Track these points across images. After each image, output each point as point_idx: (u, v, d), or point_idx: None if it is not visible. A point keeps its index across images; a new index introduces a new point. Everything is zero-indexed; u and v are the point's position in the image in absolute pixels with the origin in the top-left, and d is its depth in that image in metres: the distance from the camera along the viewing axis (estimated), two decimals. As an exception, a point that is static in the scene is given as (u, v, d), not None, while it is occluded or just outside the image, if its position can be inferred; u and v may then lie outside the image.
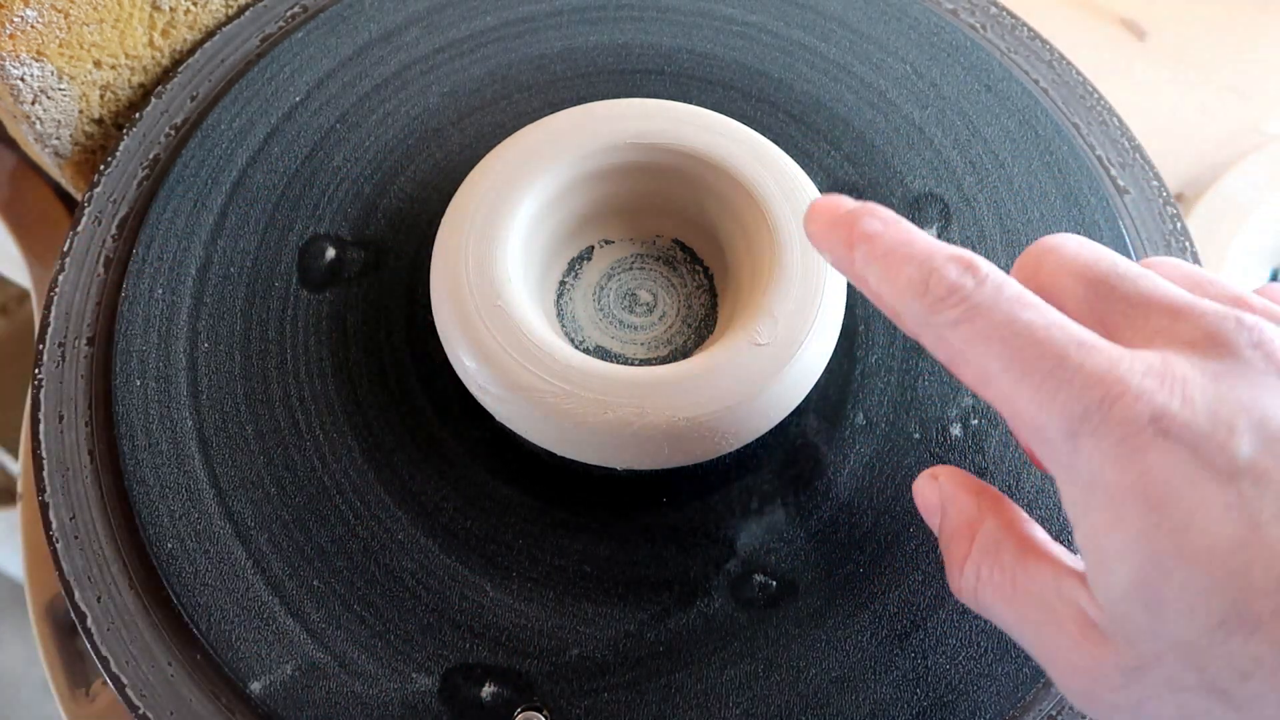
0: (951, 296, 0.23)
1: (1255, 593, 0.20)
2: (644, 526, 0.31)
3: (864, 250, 0.24)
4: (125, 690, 0.30)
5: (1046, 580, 0.23)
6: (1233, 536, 0.20)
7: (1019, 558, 0.24)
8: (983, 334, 0.22)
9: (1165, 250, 0.36)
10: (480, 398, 0.30)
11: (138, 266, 0.34)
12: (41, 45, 0.35)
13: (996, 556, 0.24)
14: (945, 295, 0.23)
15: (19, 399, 0.38)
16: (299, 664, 0.29)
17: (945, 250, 0.23)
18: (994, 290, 0.23)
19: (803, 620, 0.30)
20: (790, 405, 0.30)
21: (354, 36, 0.38)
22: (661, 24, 0.39)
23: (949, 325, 0.23)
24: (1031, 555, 0.24)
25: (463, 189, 0.32)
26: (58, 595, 0.36)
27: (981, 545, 0.25)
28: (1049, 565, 0.23)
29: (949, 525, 0.26)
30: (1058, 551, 0.24)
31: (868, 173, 0.36)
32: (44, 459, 0.33)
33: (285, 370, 0.33)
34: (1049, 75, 0.39)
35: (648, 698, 0.29)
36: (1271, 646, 0.20)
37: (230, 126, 0.37)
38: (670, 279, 0.35)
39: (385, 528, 0.31)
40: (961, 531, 0.26)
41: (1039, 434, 0.22)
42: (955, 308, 0.23)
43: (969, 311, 0.23)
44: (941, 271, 0.23)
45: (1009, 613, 0.24)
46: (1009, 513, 0.25)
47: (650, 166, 0.33)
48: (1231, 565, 0.20)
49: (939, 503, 0.26)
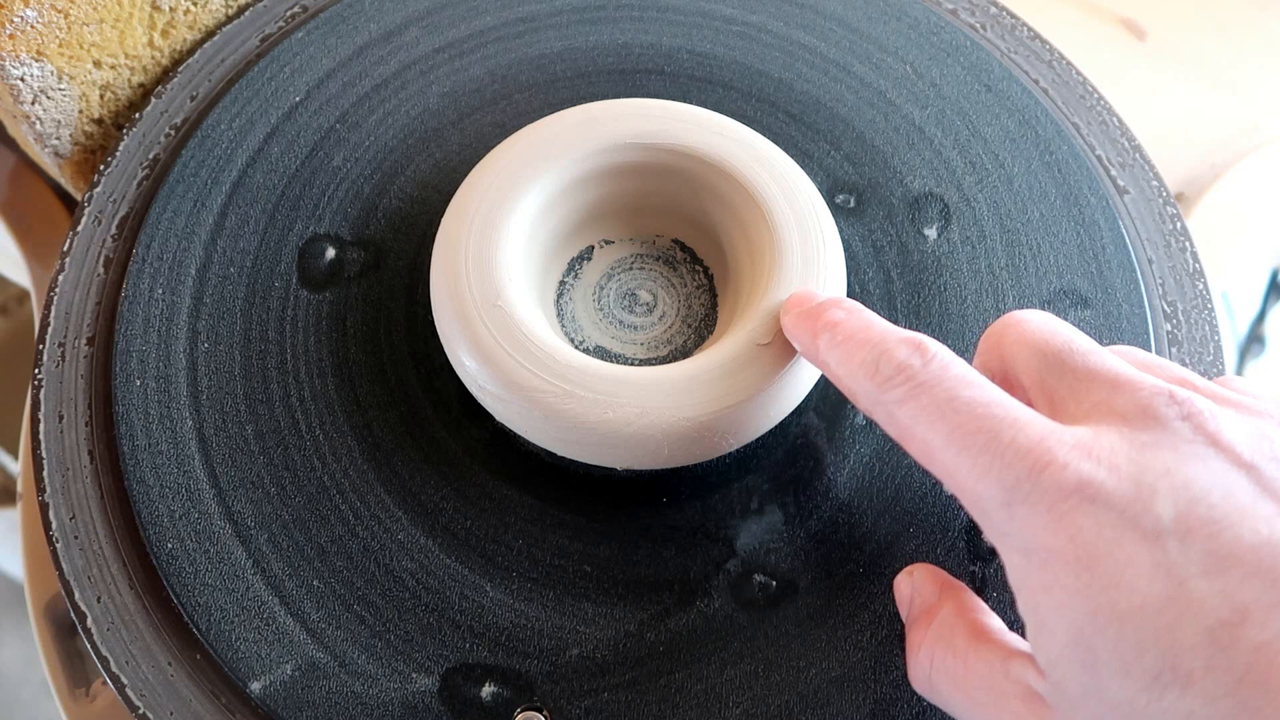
0: (899, 375, 0.24)
1: (1184, 649, 0.20)
2: (644, 526, 0.31)
3: (827, 338, 0.27)
4: (125, 690, 0.30)
5: (996, 662, 0.24)
6: (1160, 594, 0.21)
7: (971, 642, 0.25)
8: (926, 410, 0.24)
9: (1165, 250, 0.36)
10: (480, 398, 0.30)
11: (138, 266, 0.34)
12: (41, 45, 0.35)
13: (950, 641, 0.25)
14: (893, 374, 0.25)
15: (19, 399, 0.38)
16: (299, 664, 0.29)
17: (898, 334, 0.25)
18: (939, 369, 0.24)
19: (803, 620, 0.30)
20: (790, 405, 0.30)
21: (354, 36, 0.38)
22: (661, 24, 0.39)
23: (896, 403, 0.24)
24: (984, 640, 0.25)
25: (463, 189, 0.32)
26: (58, 595, 0.36)
27: (936, 631, 0.26)
28: (999, 649, 0.24)
29: (911, 613, 0.27)
30: (1010, 638, 0.25)
31: (868, 173, 0.36)
32: (44, 459, 0.33)
33: (285, 370, 0.33)
34: (1049, 75, 0.39)
35: (648, 698, 0.29)
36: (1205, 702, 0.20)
37: (230, 126, 0.37)
38: (670, 279, 0.35)
39: (385, 528, 0.31)
40: (921, 620, 0.27)
41: (978, 505, 0.23)
42: (902, 386, 0.24)
43: (914, 389, 0.24)
44: (892, 353, 0.25)
45: (959, 696, 0.25)
46: (966, 601, 0.26)
47: (650, 166, 0.33)
48: (1160, 622, 0.20)
49: (909, 595, 0.28)
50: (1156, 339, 0.34)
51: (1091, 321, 0.34)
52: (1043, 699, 0.23)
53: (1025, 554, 0.22)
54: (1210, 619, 0.20)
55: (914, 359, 0.25)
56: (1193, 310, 0.35)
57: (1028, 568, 0.22)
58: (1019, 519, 0.22)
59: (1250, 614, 0.20)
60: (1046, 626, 0.22)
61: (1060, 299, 0.34)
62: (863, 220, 0.36)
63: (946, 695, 0.26)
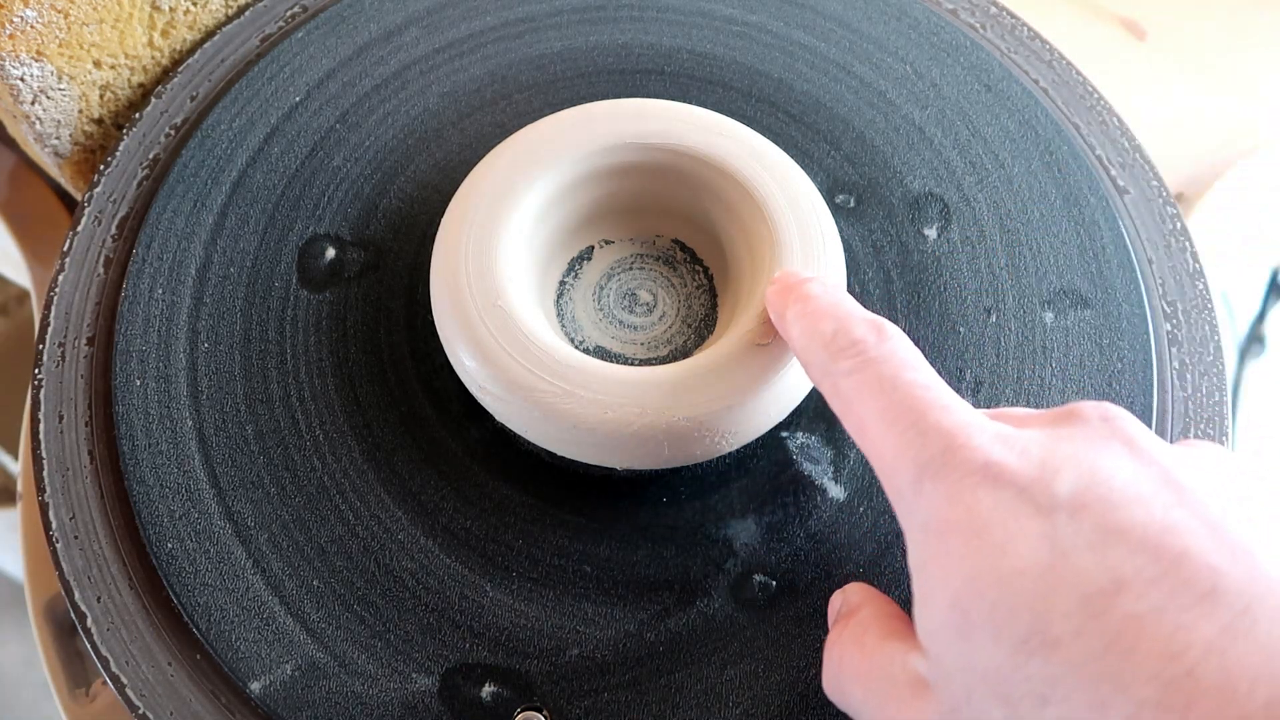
0: (852, 349, 0.25)
1: (1057, 614, 0.20)
2: (644, 526, 0.31)
3: (797, 308, 0.27)
4: (125, 690, 0.30)
5: (896, 655, 0.24)
6: (1042, 561, 0.21)
7: (879, 640, 0.25)
8: (868, 383, 0.25)
9: (1165, 250, 0.36)
10: (480, 398, 0.30)
11: (138, 266, 0.34)
12: (41, 45, 0.35)
13: (860, 640, 0.26)
14: (847, 346, 0.26)
15: (19, 399, 0.38)
16: (299, 664, 0.29)
17: (862, 314, 0.26)
18: (889, 350, 0.25)
19: (803, 620, 0.30)
20: (790, 405, 0.30)
21: (354, 36, 0.38)
22: (661, 24, 0.39)
23: (843, 374, 0.25)
24: (891, 637, 0.25)
25: (463, 189, 0.32)
26: (58, 595, 0.36)
27: (851, 631, 0.26)
28: (902, 645, 0.24)
29: (836, 617, 0.27)
30: None
31: (868, 173, 0.36)
32: (44, 459, 0.33)
33: (285, 370, 0.33)
34: (1049, 75, 0.39)
35: (648, 698, 0.29)
36: (1068, 667, 0.20)
37: (230, 126, 0.37)
38: (670, 279, 0.35)
39: (385, 528, 0.31)
40: (839, 623, 0.27)
41: (894, 483, 0.24)
42: (852, 359, 0.25)
43: (862, 364, 0.25)
44: (850, 328, 0.26)
45: (858, 688, 0.25)
46: (886, 608, 0.26)
47: (650, 166, 0.33)
48: (1038, 588, 0.21)
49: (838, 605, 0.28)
50: (1156, 339, 0.34)
51: (1091, 321, 0.34)
52: (925, 681, 0.23)
53: (924, 529, 0.23)
54: (1088, 587, 0.20)
55: (869, 335, 0.25)
56: (1193, 310, 0.35)
57: (924, 542, 0.23)
58: (925, 494, 0.23)
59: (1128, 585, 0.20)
60: (930, 593, 0.23)
61: (1060, 299, 0.34)
62: (863, 220, 0.36)
63: (849, 692, 0.26)
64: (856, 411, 0.25)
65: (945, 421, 0.23)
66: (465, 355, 0.30)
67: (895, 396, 0.24)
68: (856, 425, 0.25)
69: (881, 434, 0.24)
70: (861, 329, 0.26)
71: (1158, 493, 0.21)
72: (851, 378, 0.25)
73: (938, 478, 0.23)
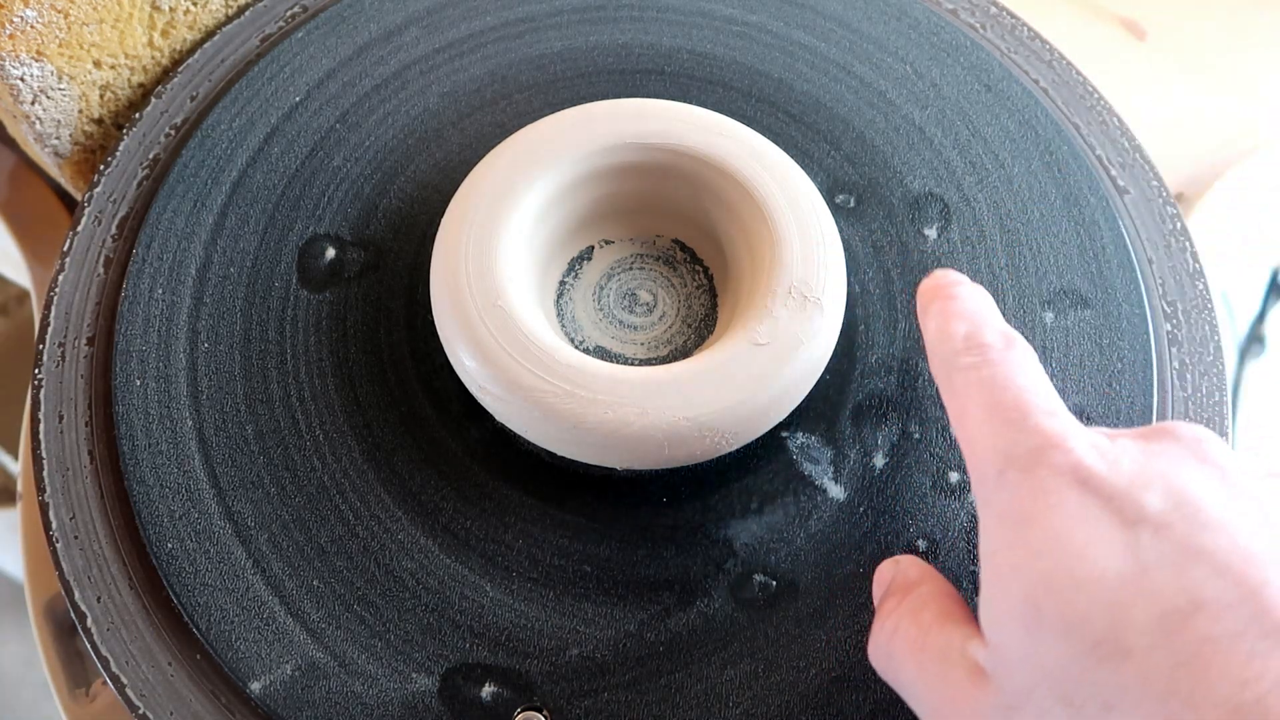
0: (978, 349, 0.26)
1: (1132, 626, 0.21)
2: (644, 526, 0.31)
3: (940, 304, 0.28)
4: (125, 690, 0.30)
5: (954, 640, 0.24)
6: (1121, 571, 0.21)
7: (938, 619, 0.25)
8: (982, 381, 0.25)
9: (1165, 250, 0.36)
10: (480, 398, 0.30)
11: (138, 266, 0.34)
12: (41, 45, 0.35)
13: (918, 615, 0.26)
14: (974, 347, 0.26)
15: (19, 399, 0.38)
16: (299, 664, 0.29)
17: (999, 323, 0.27)
18: (1013, 358, 0.25)
19: (803, 620, 0.30)
20: (790, 405, 0.30)
21: (354, 36, 0.38)
22: (661, 24, 0.39)
23: (960, 369, 0.26)
24: (950, 620, 0.25)
25: (463, 189, 0.32)
26: (58, 595, 0.36)
27: (909, 603, 0.26)
28: (962, 629, 0.25)
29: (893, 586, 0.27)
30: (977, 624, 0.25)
31: (868, 173, 0.36)
32: (44, 459, 0.33)
33: (285, 370, 0.33)
34: (1049, 75, 0.39)
35: (648, 698, 0.29)
36: (1138, 678, 0.20)
37: (230, 126, 0.37)
38: (670, 279, 0.35)
39: (385, 528, 0.31)
40: (897, 592, 0.27)
41: (980, 468, 0.24)
42: (974, 356, 0.26)
43: (980, 362, 0.25)
44: (982, 331, 0.26)
45: (911, 664, 0.25)
46: (946, 588, 0.26)
47: (650, 166, 0.33)
48: (1115, 597, 0.21)
49: (890, 577, 0.28)
50: (1156, 339, 0.34)
51: (1092, 321, 0.34)
52: (983, 670, 0.23)
53: (1001, 517, 0.23)
54: (1166, 604, 0.20)
55: (998, 342, 0.26)
56: (1193, 310, 0.35)
57: (999, 530, 0.23)
58: (1009, 484, 0.23)
59: (1206, 607, 0.20)
60: (1000, 583, 0.23)
61: (1060, 299, 0.34)
62: (863, 220, 0.36)
63: (899, 663, 0.26)
64: (960, 402, 0.25)
65: (1045, 423, 0.23)
66: (465, 355, 0.30)
67: (1004, 395, 0.24)
68: (958, 413, 0.25)
69: (980, 422, 0.24)
70: (992, 335, 0.26)
71: (1244, 521, 0.22)
72: (968, 373, 0.25)
73: (1026, 470, 0.23)
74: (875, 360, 0.33)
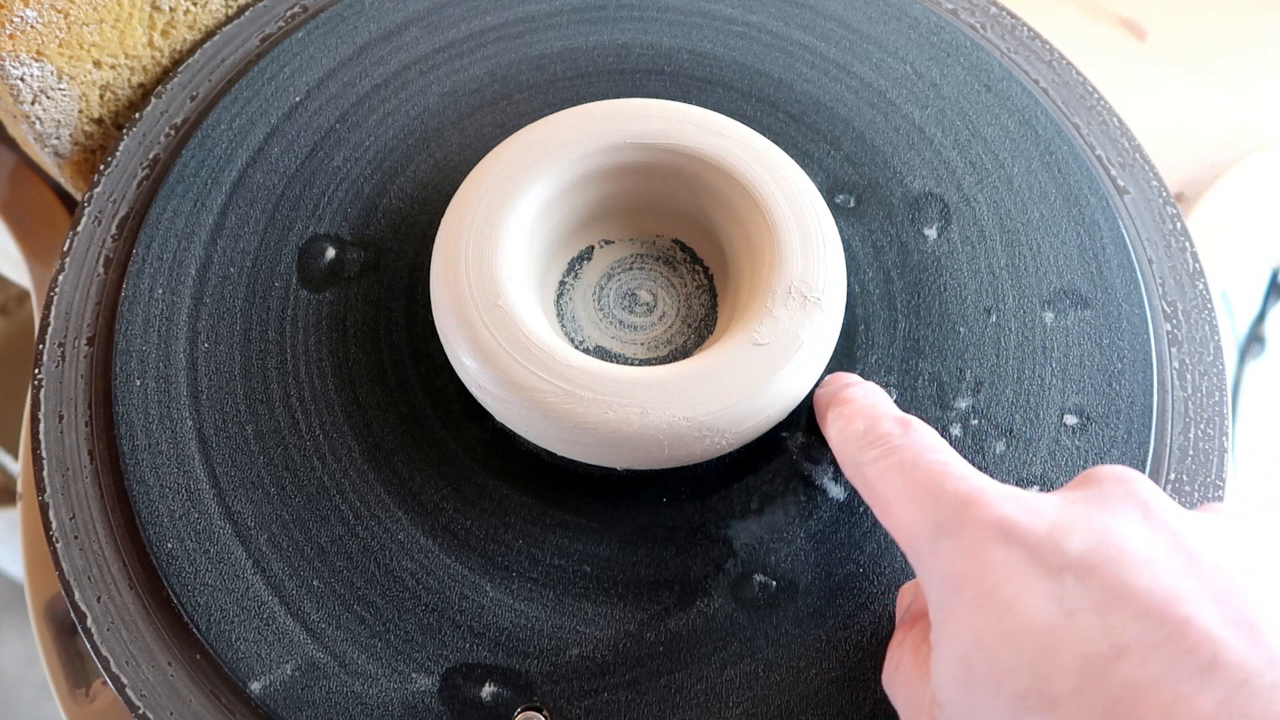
0: (880, 441, 0.27)
1: (1058, 671, 0.21)
2: (644, 526, 0.31)
3: (836, 410, 0.29)
4: (125, 690, 0.30)
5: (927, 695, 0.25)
6: (1045, 620, 0.21)
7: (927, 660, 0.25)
8: (891, 468, 0.26)
9: (1165, 250, 0.36)
10: (480, 398, 0.30)
11: (138, 266, 0.34)
12: (41, 45, 0.35)
13: (918, 648, 0.26)
14: (876, 440, 0.27)
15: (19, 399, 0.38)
16: (299, 664, 0.29)
17: (894, 412, 0.28)
18: (914, 440, 0.26)
19: (803, 620, 0.30)
20: (790, 405, 0.30)
21: (354, 36, 0.38)
22: (661, 24, 0.39)
23: (869, 463, 0.27)
24: None
25: (463, 189, 0.32)
26: (58, 595, 0.36)
27: (914, 636, 0.27)
28: None
29: (906, 615, 0.28)
30: None
31: (867, 173, 0.36)
32: (44, 459, 0.33)
33: (285, 370, 0.33)
34: (1049, 75, 0.39)
35: (648, 698, 0.29)
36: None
37: (230, 126, 0.37)
38: (670, 279, 0.35)
39: (385, 528, 0.31)
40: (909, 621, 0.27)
41: (914, 545, 0.25)
42: (878, 448, 0.27)
43: (887, 452, 0.27)
44: (880, 424, 0.28)
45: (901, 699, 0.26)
46: None
47: (650, 166, 0.33)
48: (1039, 646, 0.21)
49: (910, 601, 0.28)
50: (1156, 339, 0.34)
51: (1092, 321, 0.34)
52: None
53: (940, 585, 0.23)
54: (1089, 649, 0.21)
55: (895, 429, 0.27)
56: (1193, 310, 0.35)
57: (940, 597, 0.23)
58: (941, 551, 0.24)
59: (1129, 651, 0.20)
60: (941, 647, 0.23)
61: (1060, 299, 0.34)
62: (863, 220, 0.36)
63: (895, 699, 0.27)
64: (880, 495, 0.26)
65: (961, 486, 0.24)
66: (465, 355, 0.30)
67: (916, 474, 0.25)
68: (881, 506, 0.26)
69: (902, 506, 0.25)
70: (889, 424, 0.27)
71: (1167, 559, 0.22)
72: (875, 465, 0.26)
73: (953, 535, 0.23)
74: (875, 360, 0.33)
